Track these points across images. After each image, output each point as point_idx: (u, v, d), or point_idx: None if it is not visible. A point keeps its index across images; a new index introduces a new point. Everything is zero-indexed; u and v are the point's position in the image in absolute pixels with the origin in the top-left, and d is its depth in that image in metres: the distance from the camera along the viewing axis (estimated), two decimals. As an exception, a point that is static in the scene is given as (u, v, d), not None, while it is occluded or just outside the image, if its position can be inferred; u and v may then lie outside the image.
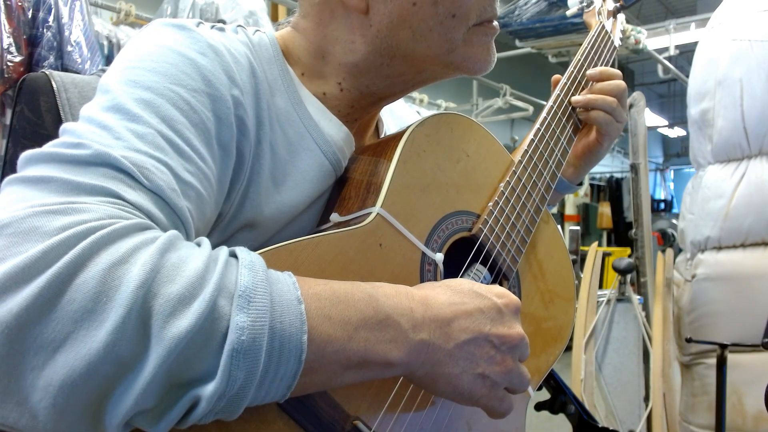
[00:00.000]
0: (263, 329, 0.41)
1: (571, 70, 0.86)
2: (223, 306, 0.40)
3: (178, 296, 0.39)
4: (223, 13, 2.69)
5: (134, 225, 0.42)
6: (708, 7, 3.44)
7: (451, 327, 0.51)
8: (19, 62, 2.05)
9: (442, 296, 0.53)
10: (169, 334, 0.38)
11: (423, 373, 0.51)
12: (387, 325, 0.47)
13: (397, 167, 0.62)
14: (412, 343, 0.49)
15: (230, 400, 0.40)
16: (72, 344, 0.37)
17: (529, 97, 5.39)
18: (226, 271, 0.42)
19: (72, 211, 0.41)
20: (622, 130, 0.86)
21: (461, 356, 0.51)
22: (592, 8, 1.00)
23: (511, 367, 0.54)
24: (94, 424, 0.39)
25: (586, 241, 7.05)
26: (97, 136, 0.47)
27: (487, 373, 0.53)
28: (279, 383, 0.42)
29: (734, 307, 1.98)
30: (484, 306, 0.54)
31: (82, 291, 0.37)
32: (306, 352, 0.42)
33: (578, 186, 0.92)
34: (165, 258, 0.40)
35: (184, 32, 0.57)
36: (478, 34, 0.66)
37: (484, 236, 0.68)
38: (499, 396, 0.55)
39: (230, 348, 0.39)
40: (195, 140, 0.52)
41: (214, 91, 0.55)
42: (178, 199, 0.48)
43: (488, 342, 0.53)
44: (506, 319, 0.55)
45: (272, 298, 0.42)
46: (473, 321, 0.52)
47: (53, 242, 0.38)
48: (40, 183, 0.43)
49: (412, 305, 0.50)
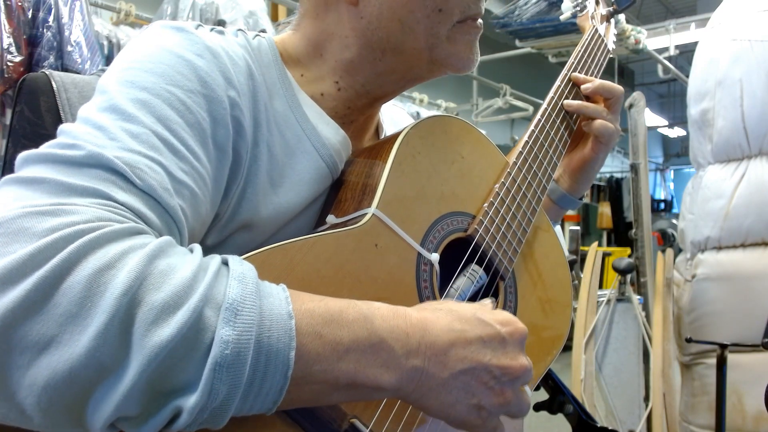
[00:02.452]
0: (249, 343, 0.40)
1: (565, 73, 0.87)
2: (209, 317, 0.40)
3: (162, 304, 0.39)
4: (223, 13, 2.70)
5: (124, 229, 0.42)
6: (708, 7, 3.44)
7: (448, 355, 0.49)
8: (19, 62, 2.05)
9: (442, 321, 0.51)
10: (150, 343, 0.38)
11: (415, 398, 0.49)
12: (380, 349, 0.46)
13: (392, 169, 0.62)
14: (404, 369, 0.47)
15: (213, 413, 0.40)
16: (56, 347, 0.37)
17: (529, 97, 5.39)
18: (215, 281, 0.42)
19: (61, 213, 0.41)
20: (618, 137, 0.86)
21: (456, 386, 0.50)
22: (586, 12, 1.01)
23: (510, 398, 0.52)
24: (79, 422, 0.39)
25: (586, 241, 7.06)
26: (92, 137, 0.48)
27: (483, 404, 0.51)
28: (264, 398, 0.42)
29: (734, 307, 1.98)
30: (486, 335, 0.51)
31: (68, 295, 0.38)
32: (292, 368, 0.42)
33: (580, 201, 0.91)
34: (153, 265, 0.40)
35: (182, 34, 0.57)
36: (461, 32, 0.67)
37: (479, 237, 0.68)
38: (493, 425, 0.53)
39: (213, 361, 0.39)
40: (190, 140, 0.52)
41: (210, 92, 0.55)
42: (171, 198, 0.48)
43: (488, 372, 0.51)
44: (509, 348, 0.52)
45: (261, 311, 0.42)
46: (472, 350, 0.50)
47: (41, 244, 0.38)
48: (33, 183, 0.43)
49: (408, 330, 0.48)
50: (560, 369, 0.84)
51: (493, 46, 5.30)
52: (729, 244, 2.03)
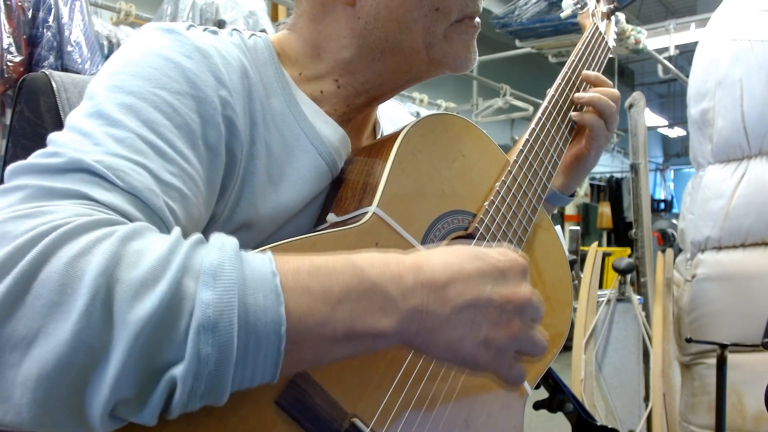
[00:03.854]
0: (232, 303, 0.40)
1: (566, 71, 0.87)
2: (188, 286, 0.40)
3: (140, 280, 0.39)
4: (223, 13, 2.70)
5: (99, 220, 0.42)
6: (708, 7, 3.44)
7: (447, 291, 0.47)
8: (19, 62, 2.05)
9: (437, 259, 0.49)
10: (134, 318, 0.38)
11: (419, 341, 0.47)
12: (373, 294, 0.45)
13: (393, 167, 0.62)
14: (402, 311, 0.46)
15: (209, 381, 0.39)
16: (43, 338, 0.37)
17: (529, 97, 5.39)
18: (192, 252, 0.42)
19: (40, 214, 0.41)
20: (610, 139, 0.86)
21: (460, 321, 0.48)
22: (586, 10, 1.01)
23: (519, 330, 0.50)
24: (78, 417, 0.39)
25: (586, 241, 7.05)
26: (76, 143, 0.48)
27: (491, 337, 0.49)
28: (264, 360, 0.41)
29: (734, 307, 1.98)
30: (485, 267, 0.50)
31: (47, 285, 0.38)
32: (285, 325, 0.41)
33: (571, 198, 0.91)
34: (127, 246, 0.40)
35: (171, 36, 0.57)
36: (458, 32, 0.67)
37: (480, 235, 0.68)
38: (507, 362, 0.51)
39: (196, 324, 0.39)
40: (178, 142, 0.52)
41: (199, 92, 0.55)
42: (156, 198, 0.48)
43: (490, 304, 0.49)
44: (510, 279, 0.51)
45: (244, 273, 0.41)
46: (472, 283, 0.48)
47: (18, 243, 0.39)
48: (15, 191, 0.44)
49: (401, 271, 0.47)
50: (560, 369, 0.84)
51: (493, 46, 5.30)
52: (729, 244, 2.03)
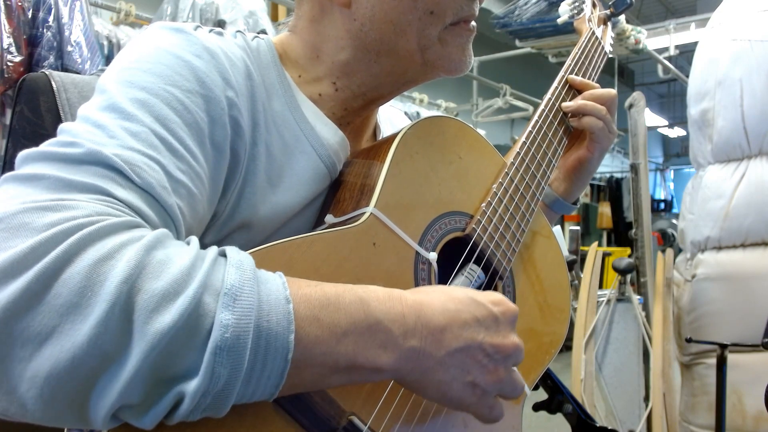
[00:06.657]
0: (248, 327, 0.41)
1: (562, 75, 0.87)
2: (208, 303, 0.41)
3: (162, 292, 0.39)
4: (223, 13, 2.70)
5: (122, 222, 0.43)
6: (708, 7, 3.44)
7: (444, 335, 0.51)
8: (19, 62, 2.06)
9: (437, 302, 0.52)
10: (152, 329, 0.38)
11: (413, 379, 0.51)
12: (377, 331, 0.47)
13: (390, 168, 0.62)
14: (402, 350, 0.48)
15: (215, 398, 0.41)
16: (58, 337, 0.38)
17: (529, 97, 5.38)
18: (212, 269, 0.43)
19: (62, 208, 0.42)
20: (613, 140, 0.86)
21: (452, 364, 0.51)
22: (582, 15, 1.01)
23: (503, 376, 0.54)
24: (81, 414, 0.39)
25: (586, 241, 7.05)
26: (92, 135, 0.48)
27: (478, 381, 0.53)
28: (266, 381, 0.43)
29: (734, 307, 1.98)
30: (480, 314, 0.53)
31: (68, 286, 0.38)
32: (292, 351, 0.43)
33: (574, 206, 0.91)
34: (151, 255, 0.41)
35: (180, 35, 0.58)
36: (453, 35, 0.67)
37: (477, 236, 0.68)
38: (489, 404, 0.55)
39: (214, 345, 0.40)
40: (188, 139, 0.53)
41: (208, 92, 0.56)
42: (169, 196, 0.49)
43: (481, 351, 0.52)
44: (502, 327, 0.54)
45: (260, 296, 0.43)
46: (467, 329, 0.52)
47: (41, 238, 0.39)
48: (33, 180, 0.44)
49: (404, 311, 0.49)
50: (560, 369, 0.84)
51: (493, 46, 5.30)
52: (729, 244, 2.03)
